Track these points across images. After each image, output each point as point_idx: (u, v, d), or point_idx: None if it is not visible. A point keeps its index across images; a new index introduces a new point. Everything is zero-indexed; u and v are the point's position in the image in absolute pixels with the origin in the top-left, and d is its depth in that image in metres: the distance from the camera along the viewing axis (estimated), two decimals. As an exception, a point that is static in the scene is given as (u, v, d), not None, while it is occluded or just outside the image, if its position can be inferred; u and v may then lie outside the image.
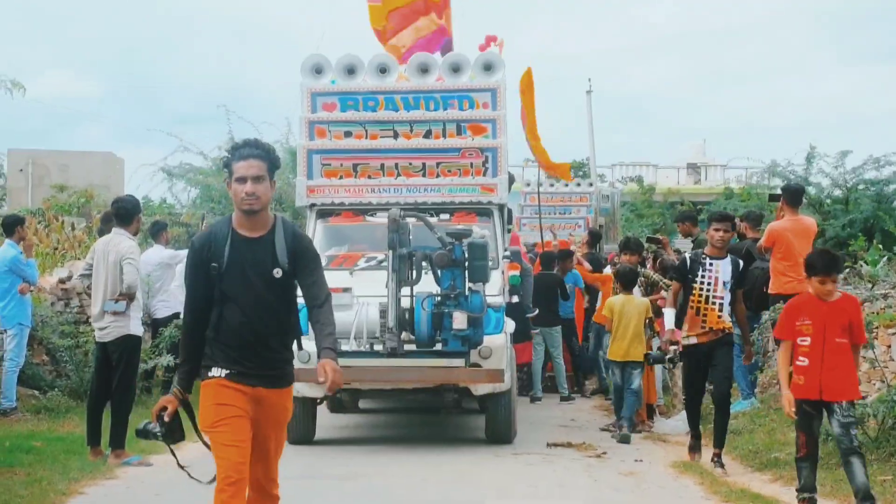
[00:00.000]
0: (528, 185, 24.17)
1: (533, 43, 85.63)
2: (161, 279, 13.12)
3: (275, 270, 5.13)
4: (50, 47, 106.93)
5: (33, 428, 10.65)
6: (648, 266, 13.12)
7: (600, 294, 13.73)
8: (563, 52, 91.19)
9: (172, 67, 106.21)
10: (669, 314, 9.65)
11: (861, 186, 27.07)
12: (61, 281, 12.95)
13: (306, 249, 5.25)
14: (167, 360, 12.71)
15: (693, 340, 9.37)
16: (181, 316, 13.78)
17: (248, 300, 5.11)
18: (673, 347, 9.63)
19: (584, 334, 14.78)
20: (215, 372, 5.13)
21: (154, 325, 13.30)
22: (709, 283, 9.33)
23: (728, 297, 9.34)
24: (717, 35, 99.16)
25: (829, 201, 28.53)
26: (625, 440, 10.66)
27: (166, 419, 5.21)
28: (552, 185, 24.26)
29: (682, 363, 9.90)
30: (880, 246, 16.64)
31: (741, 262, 9.59)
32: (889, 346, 9.62)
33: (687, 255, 9.78)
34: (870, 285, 11.15)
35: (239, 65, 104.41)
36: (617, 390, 11.40)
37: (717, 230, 9.41)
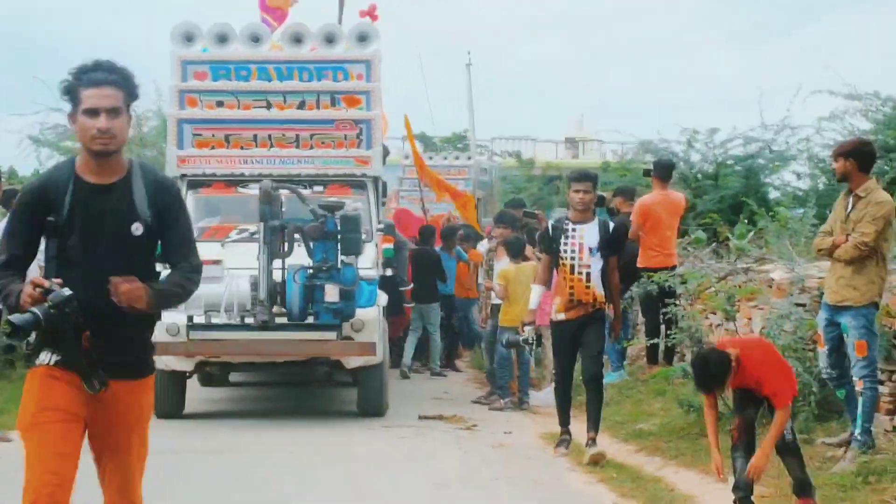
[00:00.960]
0: (407, 157, 24.16)
1: (418, 15, 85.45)
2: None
3: (133, 226, 4.12)
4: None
5: None
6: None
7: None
8: (448, 27, 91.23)
9: (50, 32, 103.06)
10: (535, 291, 8.98)
11: (730, 162, 27.76)
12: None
13: (174, 200, 4.27)
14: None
15: (561, 317, 8.64)
16: None
17: (94, 264, 4.06)
18: (528, 328, 8.98)
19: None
20: (43, 357, 4.05)
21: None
22: (573, 251, 8.56)
23: (598, 266, 8.56)
24: (601, 15, 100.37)
25: (699, 177, 29.21)
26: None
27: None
28: (430, 158, 24.29)
29: (553, 337, 8.95)
30: (746, 221, 17.08)
31: (610, 225, 8.81)
32: (750, 319, 9.87)
33: (550, 223, 9.08)
34: (733, 258, 11.43)
35: (117, 30, 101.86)
36: (504, 359, 11.46)
37: (577, 191, 8.61)
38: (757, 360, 6.39)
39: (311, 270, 9.76)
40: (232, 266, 9.81)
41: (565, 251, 8.61)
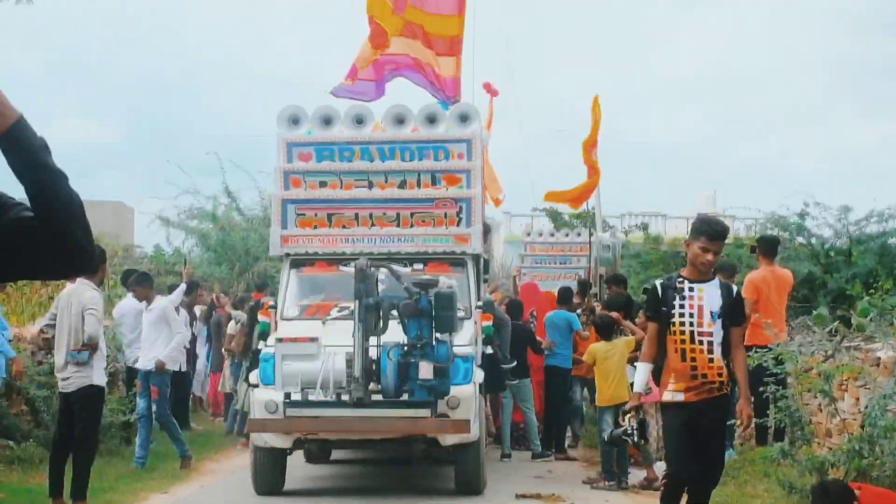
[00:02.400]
0: (529, 234, 24.24)
1: (547, 87, 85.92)
2: (134, 328, 13.18)
3: None
4: (69, 96, 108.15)
5: (2, 479, 10.65)
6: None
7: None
8: (575, 99, 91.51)
9: (191, 116, 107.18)
10: (641, 370, 7.48)
11: (864, 239, 27.03)
12: (42, 331, 12.97)
13: None
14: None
15: (679, 398, 7.08)
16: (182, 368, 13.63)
17: None
18: (629, 416, 7.56)
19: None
20: None
21: (130, 373, 13.34)
22: (691, 315, 7.07)
23: (720, 336, 7.10)
24: (733, 84, 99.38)
25: (831, 253, 28.47)
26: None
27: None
28: (552, 235, 24.30)
29: (666, 426, 7.56)
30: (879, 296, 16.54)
31: (734, 288, 7.44)
32: (858, 399, 9.53)
33: (657, 282, 7.47)
34: (839, 338, 11.06)
35: (259, 113, 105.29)
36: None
37: (705, 250, 7.05)
38: None
39: (405, 347, 9.82)
40: (329, 343, 9.93)
41: (682, 315, 7.09)
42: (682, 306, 7.10)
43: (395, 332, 9.94)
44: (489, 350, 11.40)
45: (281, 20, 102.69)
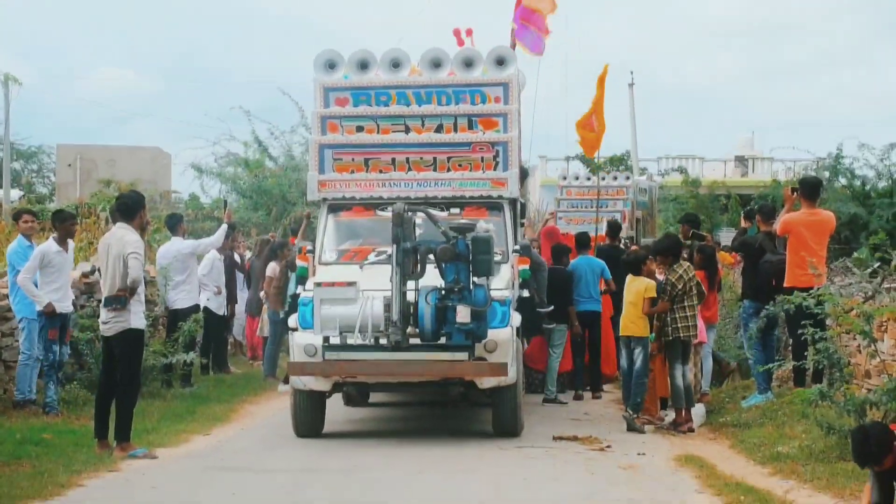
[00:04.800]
0: (565, 178, 24.11)
1: (584, 34, 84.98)
2: (181, 271, 13.31)
3: None
4: (107, 45, 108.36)
5: (48, 420, 10.83)
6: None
7: None
8: (613, 43, 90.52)
9: (229, 65, 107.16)
10: None
11: (906, 179, 26.79)
12: (84, 275, 13.13)
13: None
14: (188, 356, 12.93)
15: None
16: (201, 309, 14.11)
17: None
18: None
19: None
20: None
21: (172, 316, 13.49)
22: None
23: None
24: (772, 27, 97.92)
25: (874, 194, 28.19)
26: (631, 427, 10.71)
27: None
28: (589, 179, 24.17)
29: None
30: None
31: None
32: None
33: None
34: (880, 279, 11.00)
35: (293, 62, 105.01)
36: (623, 373, 11.39)
37: None
38: None
39: (443, 292, 9.85)
40: (367, 287, 9.97)
41: None
42: None
43: (432, 277, 9.97)
44: (526, 293, 11.41)
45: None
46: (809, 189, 11.65)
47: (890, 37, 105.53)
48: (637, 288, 11.15)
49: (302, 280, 10.88)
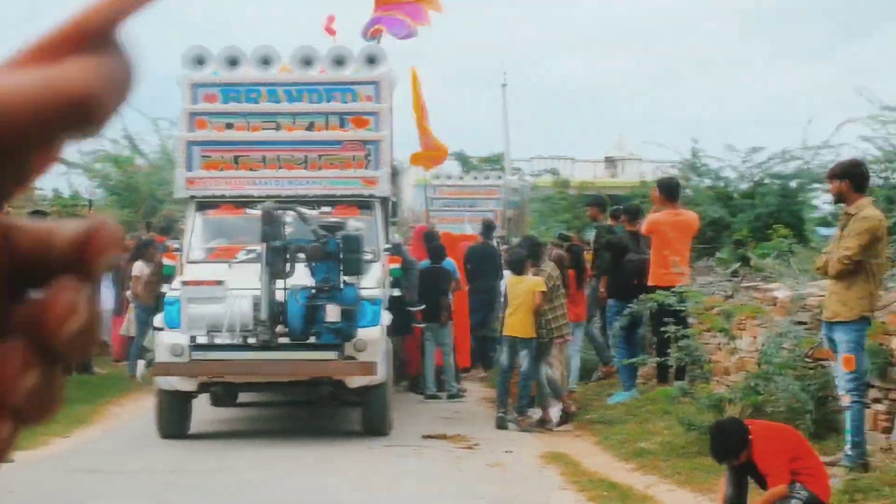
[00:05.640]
0: (437, 177, 24.23)
1: (462, 33, 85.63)
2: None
3: None
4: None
5: None
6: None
7: None
8: (485, 45, 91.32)
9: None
10: None
11: (767, 181, 27.56)
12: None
13: None
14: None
15: None
16: None
17: None
18: None
19: None
20: None
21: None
22: None
23: None
24: (643, 30, 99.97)
25: (736, 195, 28.95)
26: (501, 425, 10.83)
27: None
28: (461, 178, 24.37)
29: None
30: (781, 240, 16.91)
31: None
32: (755, 338, 9.78)
33: None
34: (740, 278, 11.33)
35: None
36: (501, 372, 11.49)
37: None
38: (768, 451, 6.35)
39: (312, 291, 9.81)
40: (235, 286, 9.87)
41: None
42: None
43: (302, 275, 9.92)
44: (397, 292, 11.43)
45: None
46: (667, 190, 11.93)
47: (757, 41, 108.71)
48: (525, 287, 11.16)
49: (168, 279, 10.72)
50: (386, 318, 10.55)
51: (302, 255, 9.89)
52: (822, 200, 21.75)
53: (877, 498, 6.75)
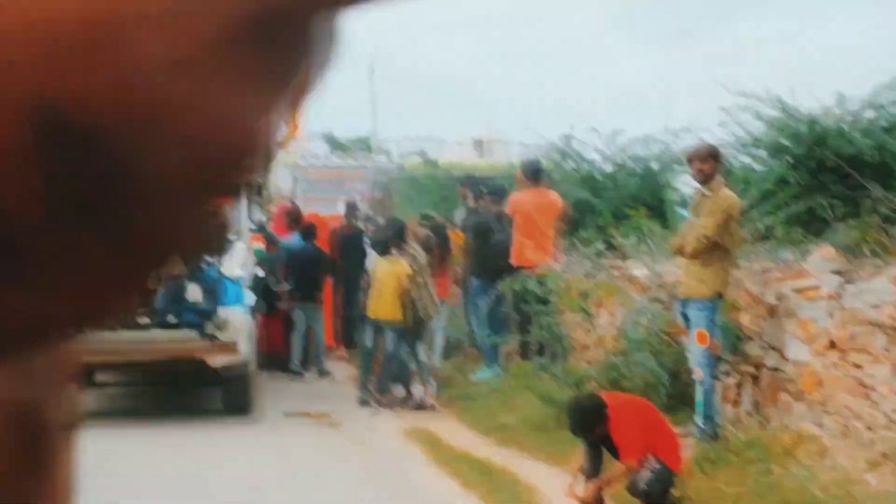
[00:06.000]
0: (305, 158, 24.07)
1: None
2: None
3: None
4: None
5: None
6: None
7: None
8: (356, 27, 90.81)
9: None
10: None
11: (630, 164, 28.13)
12: None
13: None
14: None
15: None
16: None
17: None
18: None
19: None
20: None
21: None
22: None
23: None
24: (511, 16, 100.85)
25: (599, 178, 29.48)
26: (364, 402, 10.87)
27: None
28: (328, 159, 24.25)
29: None
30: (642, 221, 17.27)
31: None
32: (613, 315, 9.99)
33: None
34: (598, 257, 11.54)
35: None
36: (363, 353, 11.48)
37: None
38: (623, 424, 6.55)
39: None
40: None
41: None
42: None
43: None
44: (261, 273, 11.33)
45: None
46: (530, 171, 12.09)
47: (619, 30, 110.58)
48: (390, 270, 11.14)
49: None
50: (249, 297, 10.45)
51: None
52: (682, 182, 22.30)
53: (726, 467, 6.97)
